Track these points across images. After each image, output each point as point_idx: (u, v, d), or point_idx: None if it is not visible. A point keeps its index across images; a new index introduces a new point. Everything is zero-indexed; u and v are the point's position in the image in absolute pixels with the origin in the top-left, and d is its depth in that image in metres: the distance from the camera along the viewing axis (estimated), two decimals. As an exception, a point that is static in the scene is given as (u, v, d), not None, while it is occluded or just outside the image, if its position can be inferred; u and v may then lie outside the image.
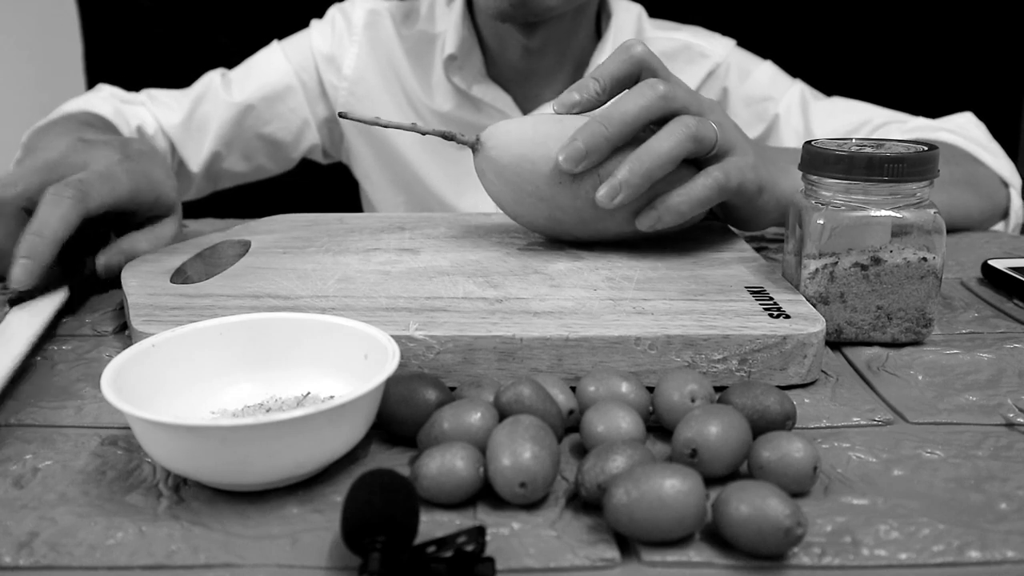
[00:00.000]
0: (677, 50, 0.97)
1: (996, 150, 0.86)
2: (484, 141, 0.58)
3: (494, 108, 0.94)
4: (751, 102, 0.96)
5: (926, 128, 0.87)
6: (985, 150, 0.85)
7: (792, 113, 0.94)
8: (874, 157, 0.49)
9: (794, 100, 0.94)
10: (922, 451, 0.40)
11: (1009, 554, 0.33)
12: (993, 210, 0.83)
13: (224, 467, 0.35)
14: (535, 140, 0.56)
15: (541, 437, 0.36)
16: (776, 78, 0.97)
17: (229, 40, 1.02)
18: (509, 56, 0.93)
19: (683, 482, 0.33)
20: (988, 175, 0.83)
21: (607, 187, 0.54)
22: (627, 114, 0.54)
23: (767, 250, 0.70)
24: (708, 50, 0.97)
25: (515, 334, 0.45)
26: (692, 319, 0.47)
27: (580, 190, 0.56)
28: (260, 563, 0.33)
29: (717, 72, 0.97)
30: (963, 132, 0.86)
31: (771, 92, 0.95)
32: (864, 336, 0.52)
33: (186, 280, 0.56)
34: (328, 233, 0.65)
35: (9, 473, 0.39)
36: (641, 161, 0.54)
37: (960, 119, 0.88)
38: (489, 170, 0.58)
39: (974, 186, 0.80)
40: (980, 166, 0.83)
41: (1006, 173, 0.84)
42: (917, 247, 0.50)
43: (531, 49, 0.91)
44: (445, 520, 0.35)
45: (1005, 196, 0.84)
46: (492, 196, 0.60)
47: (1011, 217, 0.85)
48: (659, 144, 0.54)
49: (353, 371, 0.42)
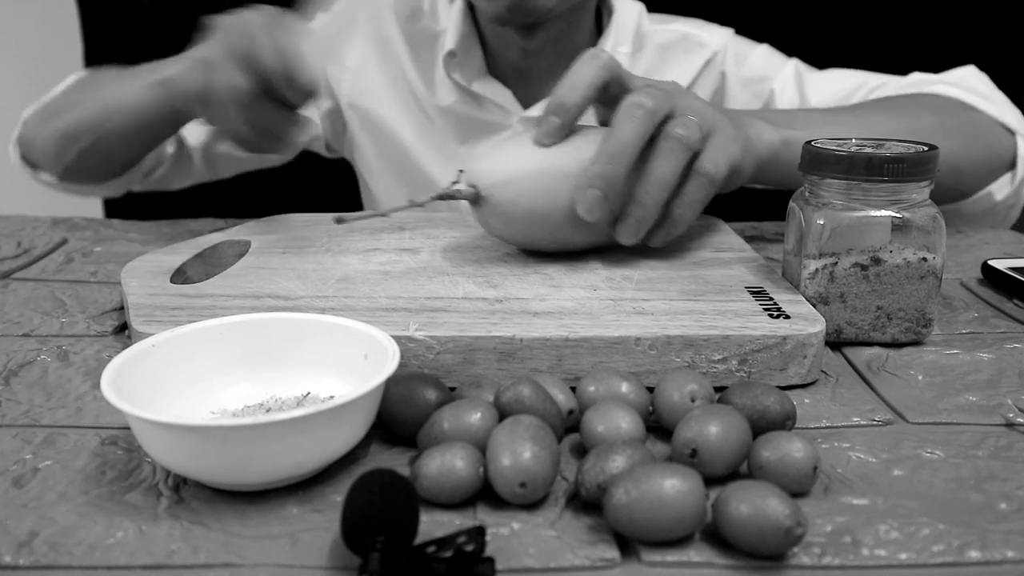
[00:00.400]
0: (675, 40, 0.97)
1: (999, 99, 0.81)
2: (486, 197, 0.56)
3: (495, 103, 0.95)
4: (748, 83, 0.96)
5: (922, 82, 0.83)
6: (986, 99, 0.80)
7: (787, 87, 0.93)
8: (874, 157, 0.49)
9: (789, 75, 0.93)
10: (922, 451, 0.40)
11: (1009, 554, 0.33)
12: (995, 160, 0.78)
13: (224, 467, 0.35)
14: (544, 189, 0.55)
15: (541, 437, 0.36)
16: (771, 58, 0.96)
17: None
18: (508, 56, 0.94)
19: (683, 482, 0.33)
20: (987, 123, 0.78)
21: (627, 227, 0.55)
22: (628, 145, 0.53)
23: (767, 250, 0.70)
24: (705, 39, 0.97)
25: (515, 334, 0.45)
26: (692, 319, 0.47)
27: (595, 227, 0.57)
28: (260, 563, 0.33)
29: (714, 60, 0.97)
30: (962, 83, 0.81)
31: (767, 71, 0.95)
32: (864, 336, 0.52)
33: (186, 280, 0.56)
34: (328, 233, 0.65)
35: (9, 473, 0.39)
36: (651, 195, 0.54)
37: (961, 71, 0.84)
38: (496, 222, 0.57)
39: (969, 136, 0.75)
40: (978, 114, 0.78)
41: (1010, 120, 0.79)
42: (917, 247, 0.50)
43: (529, 50, 0.91)
44: (445, 520, 0.35)
45: (1011, 145, 0.78)
46: (498, 237, 0.60)
47: (1019, 167, 0.79)
48: (662, 171, 0.54)
49: (353, 371, 0.42)
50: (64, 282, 0.64)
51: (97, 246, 0.72)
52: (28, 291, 0.62)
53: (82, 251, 0.71)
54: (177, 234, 0.76)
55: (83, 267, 0.67)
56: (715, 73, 0.97)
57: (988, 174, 0.79)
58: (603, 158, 0.53)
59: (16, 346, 0.52)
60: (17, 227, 0.79)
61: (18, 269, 0.67)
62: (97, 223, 0.81)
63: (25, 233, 0.77)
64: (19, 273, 0.66)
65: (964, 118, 0.77)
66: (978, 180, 0.78)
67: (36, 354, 0.51)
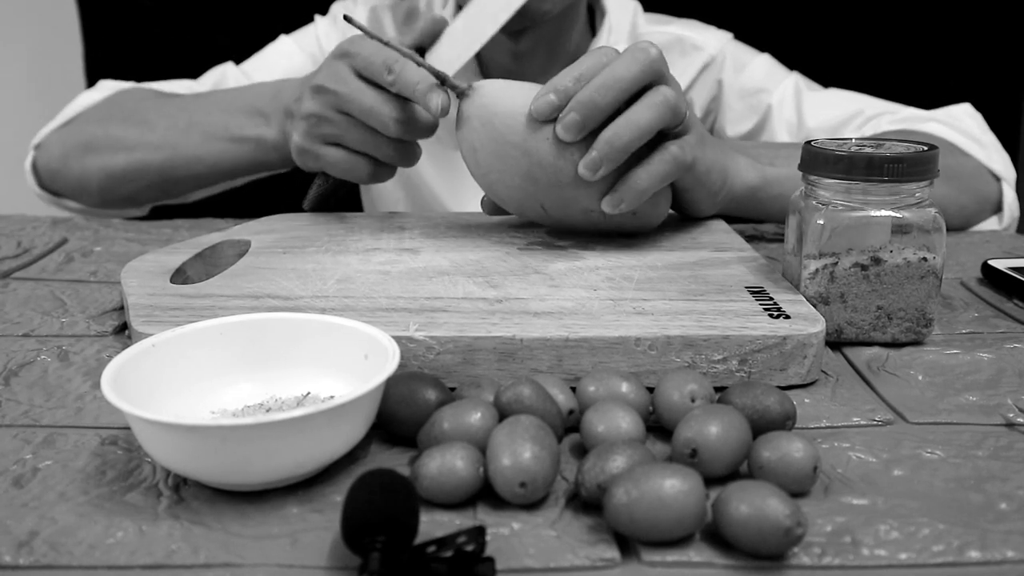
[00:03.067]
0: (670, 43, 0.96)
1: (989, 142, 0.82)
2: (476, 88, 0.59)
3: None
4: (745, 94, 0.95)
5: (916, 118, 0.84)
6: (975, 142, 0.81)
7: (785, 104, 0.92)
8: (874, 157, 0.49)
9: (788, 92, 0.93)
10: (922, 451, 0.40)
11: (1009, 554, 0.33)
12: (979, 205, 0.79)
13: (224, 467, 0.35)
14: (530, 96, 0.56)
15: (541, 437, 0.36)
16: (772, 70, 0.95)
17: (229, 40, 1.02)
18: (499, 59, 0.94)
19: (683, 482, 0.33)
20: (974, 168, 0.79)
21: (590, 161, 0.54)
22: (621, 81, 0.53)
23: (767, 250, 0.70)
24: (701, 43, 0.96)
25: (515, 335, 0.45)
26: (692, 319, 0.47)
27: (567, 150, 0.56)
28: (260, 563, 0.33)
29: (712, 65, 0.96)
30: (954, 123, 0.82)
31: (765, 84, 0.94)
32: (864, 336, 0.52)
33: (186, 280, 0.56)
34: (328, 233, 0.65)
35: (9, 473, 0.39)
36: (621, 137, 0.54)
37: (955, 109, 0.85)
38: (475, 116, 0.58)
39: (954, 179, 0.76)
40: (966, 158, 0.79)
41: (997, 166, 0.80)
42: (917, 247, 0.50)
43: (519, 53, 0.91)
44: (445, 520, 0.35)
45: (996, 190, 0.80)
46: (468, 144, 0.59)
47: (1005, 212, 0.80)
48: (640, 116, 0.54)
49: (353, 371, 0.42)
50: (64, 282, 0.64)
51: (97, 246, 0.72)
52: (28, 291, 0.62)
53: (82, 251, 0.71)
54: (177, 234, 0.76)
55: (83, 267, 0.67)
56: (712, 80, 0.96)
57: (975, 216, 0.80)
58: (593, 87, 0.53)
59: (16, 346, 0.52)
60: (17, 227, 0.79)
61: (18, 269, 0.67)
62: (97, 223, 0.81)
63: (25, 233, 0.77)
64: (19, 273, 0.66)
65: (952, 162, 0.77)
66: (964, 223, 0.80)
67: (36, 354, 0.51)
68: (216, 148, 0.76)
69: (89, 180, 0.82)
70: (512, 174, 0.58)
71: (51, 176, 0.85)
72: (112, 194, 0.82)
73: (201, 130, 0.77)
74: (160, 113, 0.80)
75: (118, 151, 0.80)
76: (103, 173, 0.80)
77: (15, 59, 1.83)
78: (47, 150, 0.85)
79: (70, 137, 0.84)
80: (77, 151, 0.82)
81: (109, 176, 0.80)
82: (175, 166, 0.78)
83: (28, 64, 1.83)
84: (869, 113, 0.87)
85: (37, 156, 0.86)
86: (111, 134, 0.81)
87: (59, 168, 0.84)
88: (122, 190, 0.81)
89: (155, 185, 0.81)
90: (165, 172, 0.79)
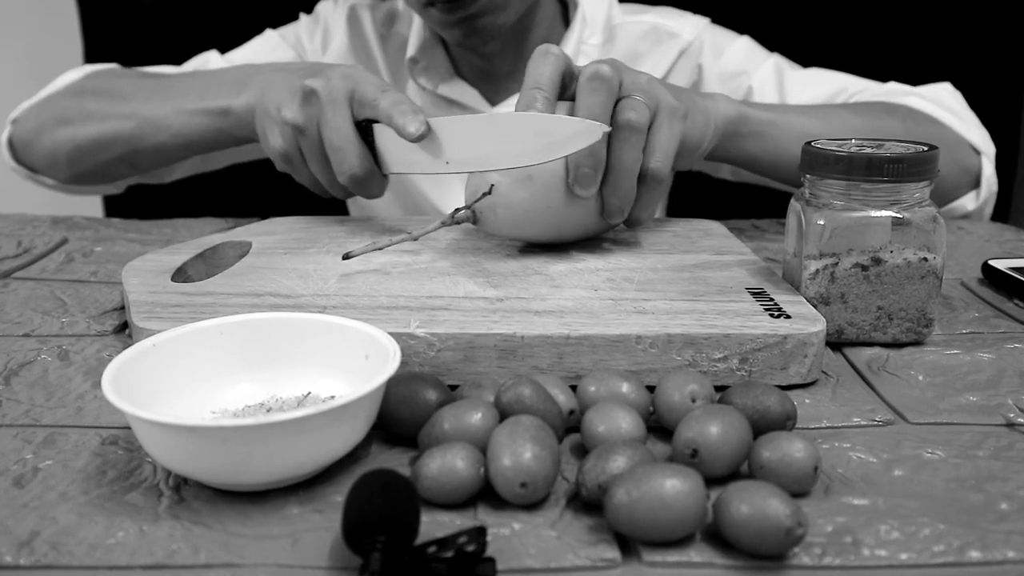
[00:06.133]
0: (645, 32, 0.95)
1: (969, 117, 0.82)
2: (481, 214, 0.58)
3: (462, 105, 0.95)
4: (725, 78, 0.94)
5: (897, 92, 0.84)
6: (955, 115, 0.81)
7: (767, 84, 0.91)
8: (874, 157, 0.49)
9: (768, 73, 0.91)
10: (922, 451, 0.40)
11: (1010, 554, 0.33)
12: (959, 176, 0.79)
13: (225, 467, 0.35)
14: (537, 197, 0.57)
15: (542, 437, 0.36)
16: (751, 52, 0.94)
17: (229, 40, 1.02)
18: (470, 59, 0.94)
19: (684, 482, 0.33)
20: (954, 139, 0.79)
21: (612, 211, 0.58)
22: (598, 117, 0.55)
23: (768, 249, 0.70)
24: (677, 30, 0.95)
25: (516, 332, 0.45)
26: (693, 318, 0.47)
27: (588, 212, 0.58)
28: (260, 563, 0.33)
29: (689, 51, 0.94)
30: (935, 98, 0.82)
31: (745, 66, 0.93)
32: (865, 336, 0.52)
33: (187, 279, 0.56)
34: (329, 235, 0.65)
35: (10, 473, 0.39)
36: (621, 185, 0.57)
37: (936, 87, 0.85)
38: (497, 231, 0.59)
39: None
40: (946, 130, 0.79)
41: (976, 139, 0.80)
42: (917, 247, 0.50)
43: (488, 55, 0.92)
44: (446, 520, 0.35)
45: (975, 163, 0.80)
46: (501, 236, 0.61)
47: (983, 186, 0.80)
48: (624, 160, 0.56)
49: (354, 371, 0.42)
50: (64, 282, 0.64)
51: (97, 246, 0.72)
52: (28, 291, 0.62)
53: (82, 251, 0.71)
54: (177, 234, 0.76)
55: (83, 267, 0.67)
56: (691, 65, 0.95)
57: (953, 190, 0.80)
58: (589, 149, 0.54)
59: (16, 346, 0.52)
60: (17, 227, 0.79)
61: (18, 269, 0.67)
62: (97, 223, 0.81)
63: (25, 233, 0.77)
64: (19, 273, 0.66)
65: (931, 130, 0.78)
66: (943, 196, 0.79)
67: (36, 354, 0.51)
68: (182, 118, 0.75)
69: (59, 152, 0.81)
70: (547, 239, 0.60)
71: (24, 149, 0.85)
72: (80, 165, 0.82)
73: (173, 103, 0.76)
74: (136, 87, 0.80)
75: (89, 122, 0.79)
76: (71, 144, 0.80)
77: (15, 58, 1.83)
78: (22, 124, 0.85)
79: (44, 111, 0.84)
80: (50, 124, 0.82)
81: (77, 147, 0.80)
82: (143, 135, 0.77)
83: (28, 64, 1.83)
84: (852, 91, 0.86)
85: (13, 131, 0.86)
86: (84, 107, 0.81)
87: (32, 140, 0.84)
88: (90, 160, 0.81)
89: (124, 157, 0.80)
90: (132, 142, 0.78)
